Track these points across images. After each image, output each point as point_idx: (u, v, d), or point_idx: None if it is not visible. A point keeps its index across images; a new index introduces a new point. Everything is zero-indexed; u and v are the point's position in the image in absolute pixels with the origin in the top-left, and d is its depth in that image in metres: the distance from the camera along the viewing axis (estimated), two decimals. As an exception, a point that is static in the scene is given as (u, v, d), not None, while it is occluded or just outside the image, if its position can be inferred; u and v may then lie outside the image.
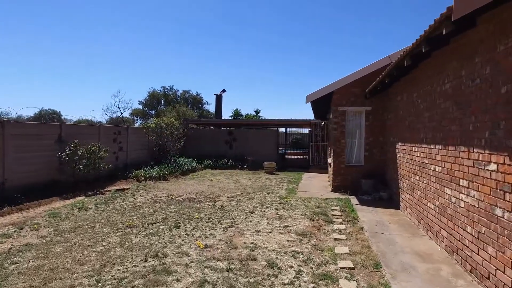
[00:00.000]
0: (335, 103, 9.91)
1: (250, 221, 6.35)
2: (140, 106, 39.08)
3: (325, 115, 16.45)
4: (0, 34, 49.68)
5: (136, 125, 33.25)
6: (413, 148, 6.54)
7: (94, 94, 58.67)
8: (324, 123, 16.20)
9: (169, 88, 40.15)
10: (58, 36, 56.30)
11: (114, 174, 11.53)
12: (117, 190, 9.42)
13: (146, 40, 60.88)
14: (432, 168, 5.40)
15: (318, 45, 69.48)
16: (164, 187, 10.17)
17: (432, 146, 5.45)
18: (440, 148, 5.04)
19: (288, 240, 5.27)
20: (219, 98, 24.47)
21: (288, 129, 22.43)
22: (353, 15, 61.64)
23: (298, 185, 11.01)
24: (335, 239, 5.38)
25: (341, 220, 6.57)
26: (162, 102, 39.07)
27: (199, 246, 4.89)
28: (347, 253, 4.75)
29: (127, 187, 9.91)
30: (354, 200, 8.52)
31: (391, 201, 8.24)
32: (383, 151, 9.60)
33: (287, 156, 19.46)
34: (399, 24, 62.56)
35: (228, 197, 8.77)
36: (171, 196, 8.72)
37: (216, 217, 6.63)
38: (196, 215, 6.71)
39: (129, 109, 28.79)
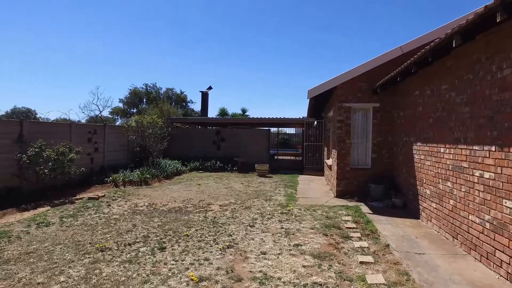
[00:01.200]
0: (340, 99, 8.91)
1: (252, 239, 5.21)
2: (120, 105, 37.16)
3: (320, 113, 15.50)
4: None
5: (117, 124, 31.41)
6: (442, 149, 5.58)
7: (73, 93, 55.93)
8: (321, 121, 15.23)
9: (151, 85, 38.39)
10: (39, 31, 53.30)
11: (88, 178, 10.13)
12: (90, 198, 8.06)
13: (128, 36, 58.61)
14: (476, 174, 4.43)
15: (306, 45, 69.02)
16: (146, 194, 8.88)
17: (476, 147, 4.48)
18: (493, 150, 4.07)
19: (304, 266, 4.16)
20: (205, 96, 23.16)
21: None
22: (341, 16, 61.52)
23: (296, 190, 9.95)
24: (361, 263, 4.32)
25: (359, 234, 5.54)
26: (145, 100, 37.27)
27: (192, 279, 3.71)
28: (383, 284, 3.70)
29: (103, 194, 8.55)
30: (364, 208, 7.53)
31: (406, 209, 7.30)
32: (392, 153, 8.67)
33: (277, 157, 18.44)
34: (389, 25, 62.91)
35: (220, 205, 7.60)
36: (154, 205, 7.46)
37: (210, 233, 5.45)
38: (185, 231, 5.51)
39: (108, 107, 26.93)
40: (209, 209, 7.25)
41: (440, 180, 5.65)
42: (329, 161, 11.21)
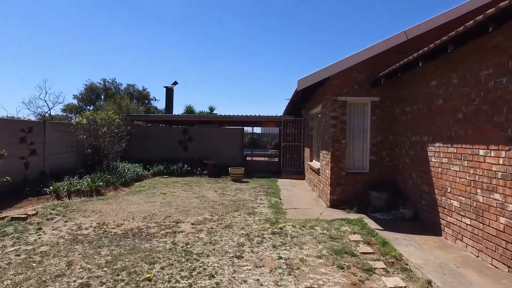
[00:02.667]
0: (334, 92, 7.60)
1: (245, 281, 3.65)
2: (75, 101, 33.73)
3: (299, 111, 14.23)
4: None
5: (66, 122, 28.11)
6: (482, 151, 4.40)
7: (21, 89, 50.38)
8: (301, 120, 13.95)
9: (110, 80, 35.30)
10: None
11: (19, 189, 7.95)
12: (14, 218, 5.99)
13: (83, 28, 54.02)
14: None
15: (275, 43, 68.28)
16: (96, 209, 6.96)
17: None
18: None
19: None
20: (169, 92, 21.10)
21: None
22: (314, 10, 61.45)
23: (280, 199, 8.50)
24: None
25: (382, 264, 4.18)
26: (103, 96, 34.10)
27: None
28: None
29: (35, 211, 6.50)
30: (369, 221, 6.25)
31: (418, 221, 6.13)
32: (394, 154, 7.52)
33: (251, 159, 16.96)
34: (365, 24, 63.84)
35: (193, 224, 5.93)
36: (104, 227, 5.63)
37: (183, 274, 3.80)
38: (146, 272, 3.82)
39: (60, 103, 23.91)
40: (178, 229, 5.56)
41: (478, 190, 4.46)
42: (316, 164, 9.90)
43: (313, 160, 11.18)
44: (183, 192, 9.09)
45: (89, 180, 9.01)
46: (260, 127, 21.97)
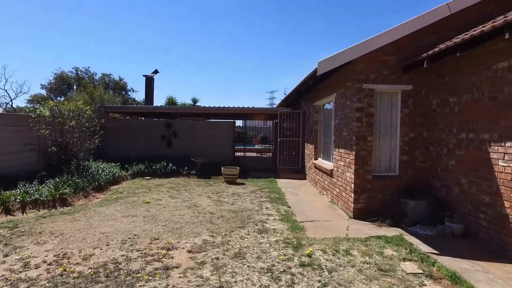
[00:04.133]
0: (358, 78, 6.22)
1: None
2: (43, 91, 30.85)
3: (299, 102, 12.81)
4: None
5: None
6: None
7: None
8: (299, 112, 12.55)
9: (83, 69, 32.59)
10: None
11: (-44, 200, 6.13)
12: None
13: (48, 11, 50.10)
14: None
15: (259, 34, 66.41)
16: (56, 229, 5.28)
17: None
18: None
19: None
20: (149, 81, 19.15)
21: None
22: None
23: (289, 207, 7.10)
24: None
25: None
26: (75, 87, 31.38)
27: None
28: None
29: (-30, 234, 4.77)
30: (412, 239, 4.96)
31: (473, 239, 4.88)
32: (429, 154, 6.26)
33: (238, 155, 15.46)
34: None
35: (190, 251, 4.41)
36: (64, 263, 4.00)
37: None
38: None
39: (24, 93, 21.35)
40: (171, 262, 4.03)
41: None
42: (326, 164, 8.55)
43: (319, 158, 9.83)
44: (171, 200, 7.49)
45: (51, 186, 7.24)
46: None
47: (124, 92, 33.95)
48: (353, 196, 6.27)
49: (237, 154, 14.80)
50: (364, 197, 6.25)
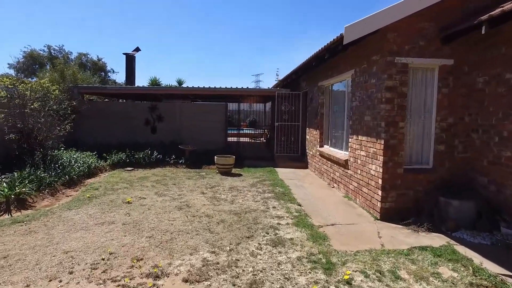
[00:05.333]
0: (389, 50, 5.03)
1: None
2: (11, 71, 28.31)
3: (297, 83, 11.56)
4: None
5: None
6: None
7: None
8: (299, 94, 11.32)
9: (57, 48, 30.06)
10: None
11: None
12: None
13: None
14: None
15: (243, 17, 63.84)
16: None
17: None
18: None
19: None
20: (130, 60, 17.39)
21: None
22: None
23: (300, 205, 6.00)
24: None
25: None
26: (48, 66, 28.90)
27: None
28: None
29: None
30: (466, 250, 3.96)
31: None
32: (471, 143, 5.22)
33: (229, 140, 14.16)
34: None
35: (186, 281, 3.22)
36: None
37: None
38: None
39: (-12, 73, 19.18)
40: (161, 300, 2.86)
41: None
42: (337, 153, 7.45)
43: (325, 146, 8.73)
44: (157, 198, 6.24)
45: (5, 184, 5.84)
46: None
47: (103, 73, 31.68)
48: (380, 194, 5.20)
49: (229, 139, 13.53)
50: (393, 195, 5.20)
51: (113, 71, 33.35)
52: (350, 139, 6.55)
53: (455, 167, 5.28)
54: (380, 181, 5.21)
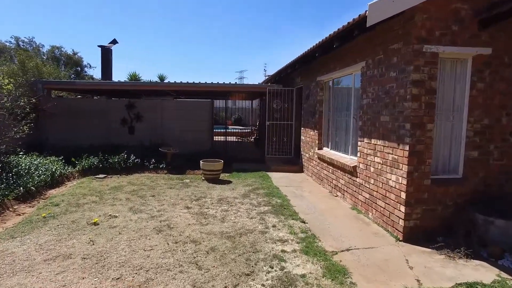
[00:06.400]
0: (417, 36, 4.13)
1: None
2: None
3: (290, 78, 10.60)
4: None
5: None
6: None
7: None
8: (292, 90, 10.36)
9: (26, 40, 27.94)
10: None
11: None
12: None
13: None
14: None
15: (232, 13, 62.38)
16: None
17: None
18: None
19: None
20: (107, 53, 15.98)
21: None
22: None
23: (304, 221, 5.04)
24: None
25: None
26: (16, 60, 26.79)
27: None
28: None
29: None
30: (529, 292, 3.10)
31: None
32: (508, 149, 4.41)
33: (215, 139, 13.02)
34: None
35: None
36: None
37: None
38: None
39: None
40: None
41: None
42: (345, 159, 6.54)
43: (324, 148, 7.83)
44: (132, 216, 5.13)
45: None
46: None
47: (79, 69, 29.74)
48: (403, 210, 4.31)
49: (215, 138, 12.39)
50: (419, 211, 4.32)
51: (90, 66, 31.42)
52: (359, 143, 5.64)
53: (489, 177, 4.46)
54: (403, 195, 4.32)
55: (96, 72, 33.05)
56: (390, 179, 4.63)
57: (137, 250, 3.90)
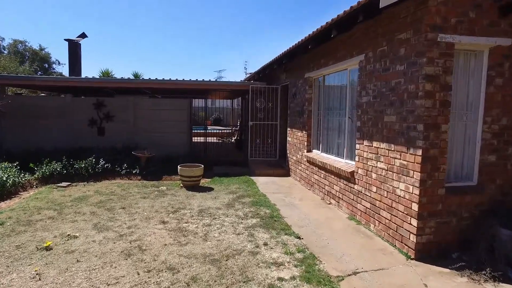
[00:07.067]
0: (431, 23, 3.57)
1: None
2: None
3: (276, 74, 9.96)
4: None
5: None
6: None
7: None
8: (277, 88, 9.72)
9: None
10: None
11: None
12: None
13: None
14: None
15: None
16: None
17: None
18: None
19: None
20: (75, 47, 14.70)
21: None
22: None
23: (300, 237, 4.39)
24: None
25: None
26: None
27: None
28: None
29: None
30: None
31: None
32: (530, 152, 3.94)
33: (194, 140, 12.16)
34: None
35: None
36: None
37: None
38: None
39: None
40: None
41: None
42: (340, 163, 5.95)
43: (314, 150, 7.24)
44: (96, 236, 4.28)
45: None
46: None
47: (46, 65, 27.86)
48: (415, 224, 3.74)
49: (194, 139, 11.51)
50: (432, 224, 3.77)
51: (59, 63, 29.58)
52: (358, 145, 5.06)
53: (508, 184, 3.98)
54: (414, 206, 3.75)
55: (66, 70, 31.14)
56: (398, 188, 4.06)
57: (98, 285, 3.09)
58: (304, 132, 7.54)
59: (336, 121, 6.24)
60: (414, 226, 3.76)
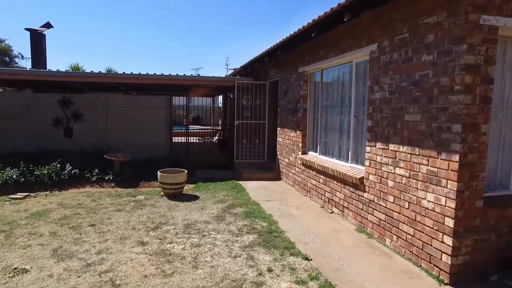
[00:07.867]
0: (472, 2, 2.95)
1: None
2: None
3: (265, 70, 9.22)
4: None
5: None
6: None
7: None
8: (265, 84, 8.98)
9: None
10: None
11: None
12: None
13: None
14: None
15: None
16: None
17: None
18: None
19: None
20: (38, 38, 13.30)
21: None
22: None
23: (308, 258, 3.68)
24: None
25: None
26: None
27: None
28: None
29: None
30: None
31: None
32: None
33: (174, 140, 11.19)
34: None
35: None
36: None
37: None
38: None
39: None
40: None
41: None
42: (345, 167, 5.30)
43: (310, 152, 6.58)
44: (54, 268, 3.38)
45: None
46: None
47: (7, 59, 25.70)
48: (450, 243, 3.13)
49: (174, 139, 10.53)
50: (470, 243, 3.18)
51: (23, 57, 27.40)
52: (368, 148, 4.42)
53: (550, 192, 3.46)
54: (448, 222, 3.14)
55: (30, 63, 29.02)
56: (424, 199, 3.44)
57: None
58: (298, 132, 6.86)
59: (338, 120, 5.59)
60: (449, 245, 3.15)
